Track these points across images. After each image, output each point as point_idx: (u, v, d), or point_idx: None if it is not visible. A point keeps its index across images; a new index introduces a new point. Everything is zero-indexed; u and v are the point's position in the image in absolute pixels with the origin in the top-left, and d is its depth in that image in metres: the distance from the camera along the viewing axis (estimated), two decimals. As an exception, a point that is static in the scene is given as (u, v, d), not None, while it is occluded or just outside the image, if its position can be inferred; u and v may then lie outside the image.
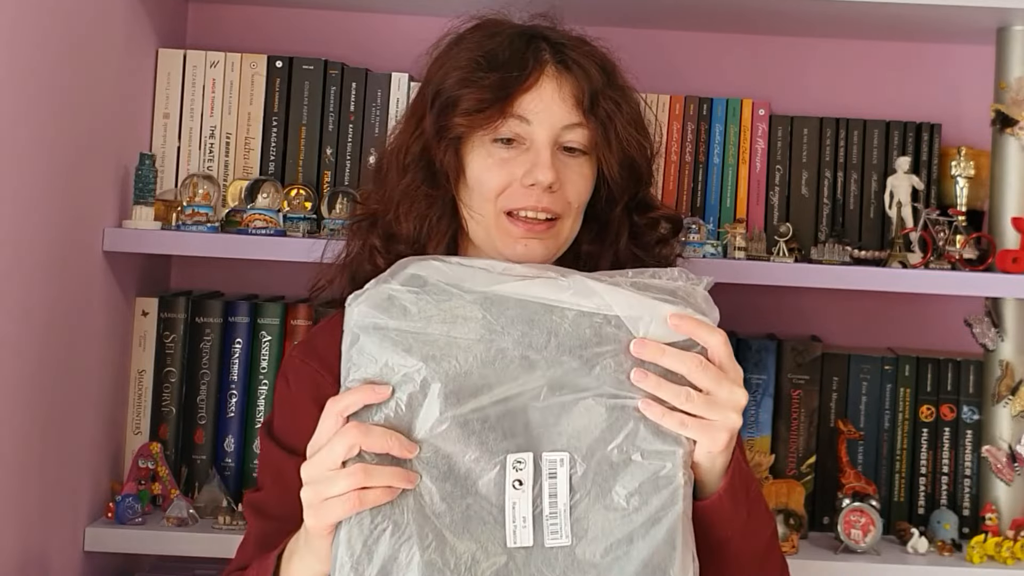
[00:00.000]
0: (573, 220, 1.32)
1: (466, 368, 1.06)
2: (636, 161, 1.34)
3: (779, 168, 1.92)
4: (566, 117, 1.30)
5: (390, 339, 1.07)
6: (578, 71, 1.31)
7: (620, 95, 1.34)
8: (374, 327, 1.07)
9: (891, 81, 2.05)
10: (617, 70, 1.37)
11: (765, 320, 2.00)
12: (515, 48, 1.31)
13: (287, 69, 1.89)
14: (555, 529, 1.06)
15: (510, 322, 1.07)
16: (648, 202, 1.40)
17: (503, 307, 1.08)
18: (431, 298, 1.08)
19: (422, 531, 1.04)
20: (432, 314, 1.07)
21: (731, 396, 1.10)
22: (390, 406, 1.06)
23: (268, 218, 1.76)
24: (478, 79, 1.30)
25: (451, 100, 1.31)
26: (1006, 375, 1.83)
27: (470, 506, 1.05)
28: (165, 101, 1.88)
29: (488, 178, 1.30)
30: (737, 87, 1.98)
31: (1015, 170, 1.83)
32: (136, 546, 1.74)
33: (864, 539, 1.76)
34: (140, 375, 1.84)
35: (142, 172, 1.76)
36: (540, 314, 1.08)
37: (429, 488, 1.05)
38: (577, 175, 1.31)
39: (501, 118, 1.29)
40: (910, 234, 1.84)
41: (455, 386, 1.06)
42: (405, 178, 1.35)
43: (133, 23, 1.79)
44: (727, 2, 1.84)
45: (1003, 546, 1.76)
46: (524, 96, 1.29)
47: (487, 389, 1.06)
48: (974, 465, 1.87)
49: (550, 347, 1.07)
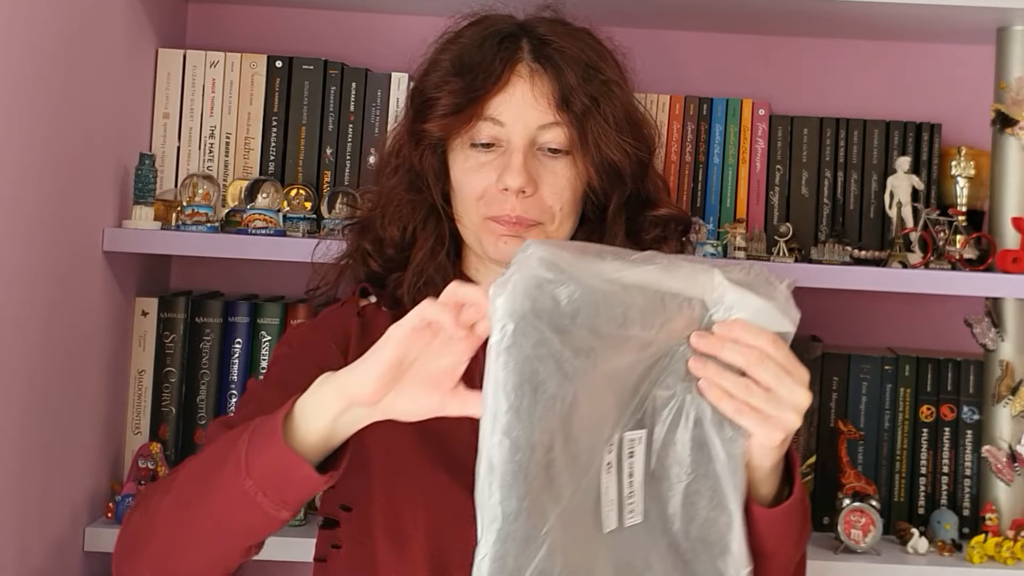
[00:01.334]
0: (560, 223, 1.30)
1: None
2: (616, 161, 1.30)
3: (779, 168, 1.92)
4: (540, 117, 1.28)
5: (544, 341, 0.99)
6: (553, 69, 1.28)
7: (602, 91, 1.30)
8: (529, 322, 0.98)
9: (891, 81, 2.05)
10: (605, 66, 1.33)
11: (765, 320, 2.00)
12: (487, 49, 1.29)
13: (287, 69, 1.89)
14: (632, 508, 1.05)
15: (640, 312, 1.04)
16: (650, 199, 1.37)
17: (634, 294, 1.03)
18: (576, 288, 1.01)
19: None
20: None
21: (791, 394, 1.08)
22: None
23: (268, 218, 1.76)
24: (448, 83, 1.29)
25: (427, 104, 1.31)
26: (1006, 375, 1.83)
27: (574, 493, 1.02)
28: (165, 101, 1.88)
29: (466, 183, 1.30)
30: (737, 87, 1.98)
31: (1015, 170, 1.83)
32: (136, 546, 1.74)
33: (864, 539, 1.76)
34: (140, 375, 1.84)
35: (142, 172, 1.76)
36: (656, 301, 1.04)
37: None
38: (557, 177, 1.28)
39: (473, 121, 1.28)
40: (910, 234, 1.84)
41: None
42: (391, 181, 1.36)
43: (133, 23, 1.79)
44: (727, 2, 1.84)
45: (1003, 546, 1.76)
46: (495, 98, 1.28)
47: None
48: (974, 465, 1.87)
49: (660, 331, 1.05)
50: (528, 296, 0.97)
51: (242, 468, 1.06)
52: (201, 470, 1.13)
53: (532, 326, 0.97)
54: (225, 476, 1.07)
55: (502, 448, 0.96)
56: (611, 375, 1.03)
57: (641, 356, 1.05)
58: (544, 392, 0.97)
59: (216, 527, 1.10)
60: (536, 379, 0.97)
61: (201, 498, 1.10)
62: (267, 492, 1.06)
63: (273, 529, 1.10)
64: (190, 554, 1.12)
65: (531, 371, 0.97)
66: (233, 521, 1.09)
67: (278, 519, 1.08)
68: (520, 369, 0.96)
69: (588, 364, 1.00)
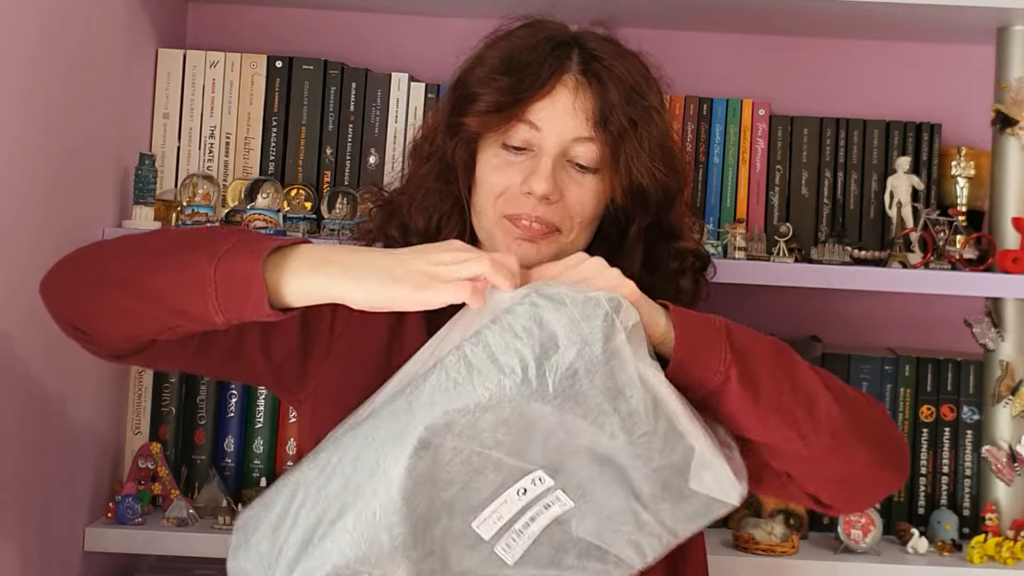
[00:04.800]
0: (577, 233, 1.30)
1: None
2: (644, 186, 1.29)
3: (779, 168, 1.92)
4: (576, 130, 1.27)
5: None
6: (598, 85, 1.27)
7: (642, 116, 1.29)
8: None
9: (891, 81, 2.04)
10: (649, 92, 1.32)
11: (765, 320, 1.99)
12: (538, 53, 1.29)
13: (287, 69, 1.89)
14: (510, 545, 1.08)
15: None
16: (671, 231, 1.36)
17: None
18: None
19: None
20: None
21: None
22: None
23: (268, 218, 1.76)
24: (495, 80, 1.28)
25: (468, 98, 1.30)
26: (1006, 375, 1.83)
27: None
28: (165, 101, 1.88)
29: (490, 179, 1.29)
30: (737, 87, 1.98)
31: (1015, 170, 1.83)
32: (136, 546, 1.74)
33: (864, 539, 1.76)
34: (140, 375, 1.84)
35: (142, 172, 1.76)
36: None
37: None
38: (583, 190, 1.28)
39: (512, 122, 1.27)
40: (910, 234, 1.84)
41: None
42: (422, 169, 1.35)
43: (133, 23, 1.79)
44: (728, 2, 1.84)
45: (1003, 546, 1.76)
46: (538, 103, 1.27)
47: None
48: (974, 465, 1.87)
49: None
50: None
51: (213, 261, 1.11)
52: (180, 239, 1.19)
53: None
54: (196, 258, 1.12)
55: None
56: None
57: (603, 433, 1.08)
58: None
59: (160, 291, 1.14)
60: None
61: (165, 259, 1.15)
62: (219, 292, 1.10)
63: (202, 326, 1.14)
64: (124, 297, 1.16)
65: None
66: (176, 296, 1.13)
67: (212, 320, 1.12)
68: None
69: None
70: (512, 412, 1.04)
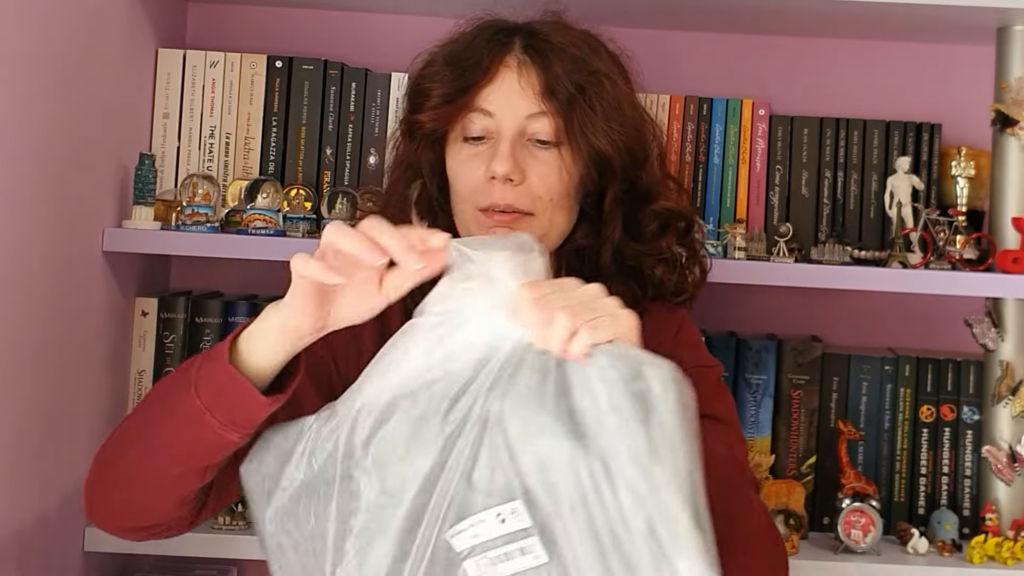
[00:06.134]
0: (552, 214, 1.31)
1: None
2: (605, 151, 1.30)
3: (779, 168, 1.92)
4: (527, 107, 1.29)
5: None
6: (540, 59, 1.30)
7: (589, 81, 1.31)
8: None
9: (891, 81, 2.04)
10: (596, 58, 1.33)
11: (765, 320, 2.00)
12: (478, 43, 1.32)
13: (287, 69, 1.89)
14: (480, 568, 1.02)
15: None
16: (646, 193, 1.37)
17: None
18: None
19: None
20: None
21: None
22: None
23: (268, 218, 1.76)
24: (441, 74, 1.32)
25: (419, 95, 1.34)
26: (1006, 375, 1.83)
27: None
28: (165, 101, 1.88)
29: (458, 174, 1.32)
30: (737, 87, 1.98)
31: (1015, 170, 1.83)
32: (136, 546, 1.73)
33: (864, 539, 1.76)
34: (140, 375, 1.84)
35: (142, 172, 1.76)
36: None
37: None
38: (546, 167, 1.29)
39: (464, 112, 1.30)
40: (910, 234, 1.84)
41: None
42: (393, 176, 1.38)
43: (133, 23, 1.79)
44: (727, 2, 1.84)
45: (1003, 546, 1.76)
46: (484, 89, 1.30)
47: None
48: (974, 465, 1.87)
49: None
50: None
51: (192, 389, 1.10)
52: (161, 392, 1.18)
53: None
54: (179, 396, 1.11)
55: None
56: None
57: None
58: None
59: (172, 445, 1.13)
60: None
61: (160, 417, 1.14)
62: (214, 412, 1.09)
63: (226, 450, 1.12)
64: (150, 473, 1.15)
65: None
66: (186, 441, 1.12)
67: (228, 439, 1.10)
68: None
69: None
70: None
